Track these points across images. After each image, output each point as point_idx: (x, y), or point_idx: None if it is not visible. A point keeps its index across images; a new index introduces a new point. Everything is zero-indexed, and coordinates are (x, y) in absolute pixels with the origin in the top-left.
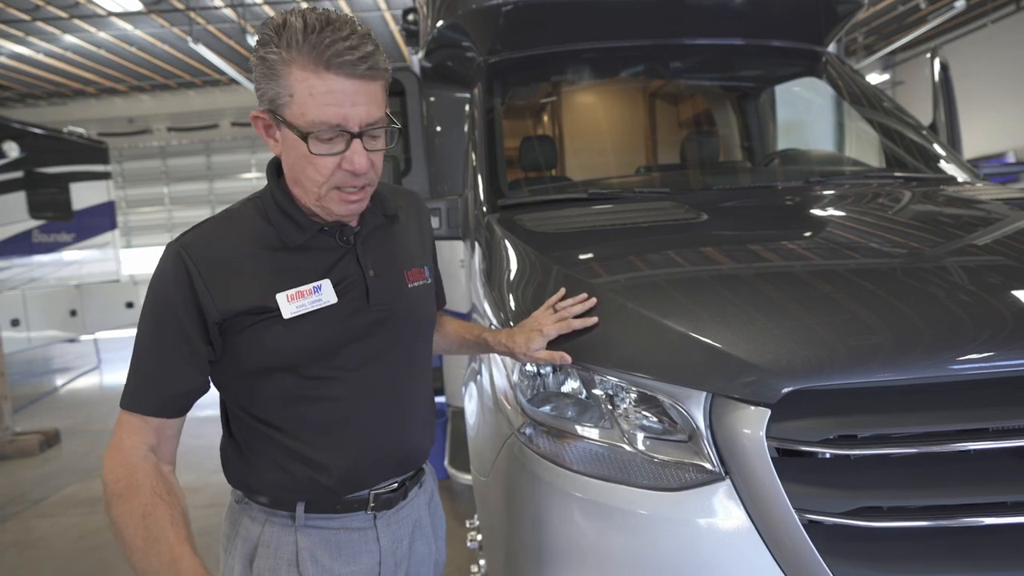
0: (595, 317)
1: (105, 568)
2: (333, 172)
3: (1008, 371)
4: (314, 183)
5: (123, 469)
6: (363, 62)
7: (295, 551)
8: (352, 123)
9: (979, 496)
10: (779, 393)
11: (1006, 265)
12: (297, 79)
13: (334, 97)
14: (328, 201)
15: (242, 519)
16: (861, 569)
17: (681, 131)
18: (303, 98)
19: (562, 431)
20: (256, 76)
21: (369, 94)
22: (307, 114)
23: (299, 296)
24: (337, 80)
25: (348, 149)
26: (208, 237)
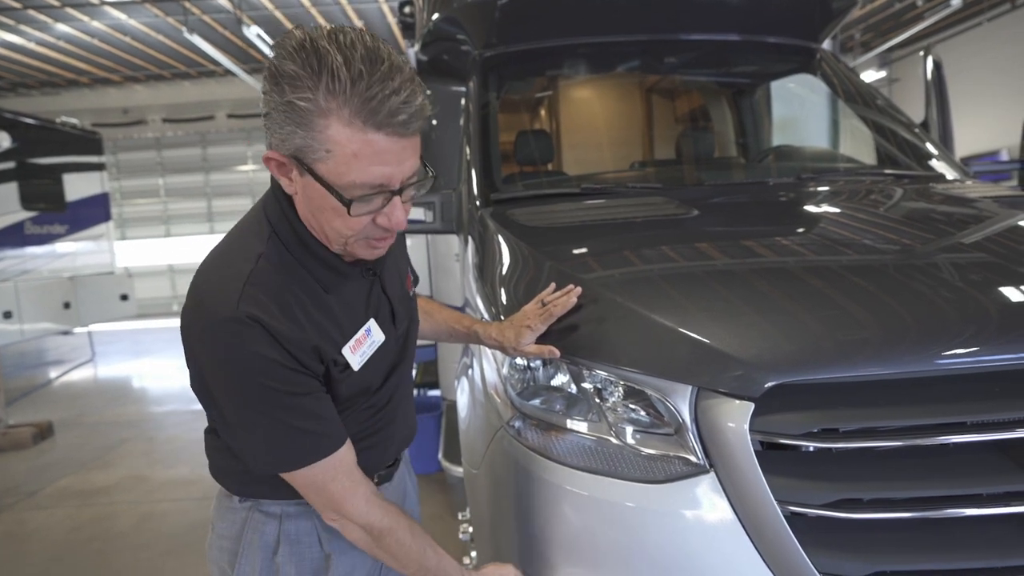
0: (576, 304)
1: (99, 559)
2: (365, 227)
3: (988, 366)
4: (341, 236)
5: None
6: (416, 119)
7: (316, 533)
8: (396, 182)
9: (957, 488)
10: (763, 387)
11: (990, 262)
12: (338, 135)
13: (381, 159)
14: (354, 248)
15: (252, 517)
16: (841, 560)
17: (675, 126)
18: (344, 158)
19: (551, 424)
20: (276, 119)
21: (414, 148)
22: (348, 175)
23: (358, 345)
24: (387, 141)
25: (387, 206)
26: (260, 302)
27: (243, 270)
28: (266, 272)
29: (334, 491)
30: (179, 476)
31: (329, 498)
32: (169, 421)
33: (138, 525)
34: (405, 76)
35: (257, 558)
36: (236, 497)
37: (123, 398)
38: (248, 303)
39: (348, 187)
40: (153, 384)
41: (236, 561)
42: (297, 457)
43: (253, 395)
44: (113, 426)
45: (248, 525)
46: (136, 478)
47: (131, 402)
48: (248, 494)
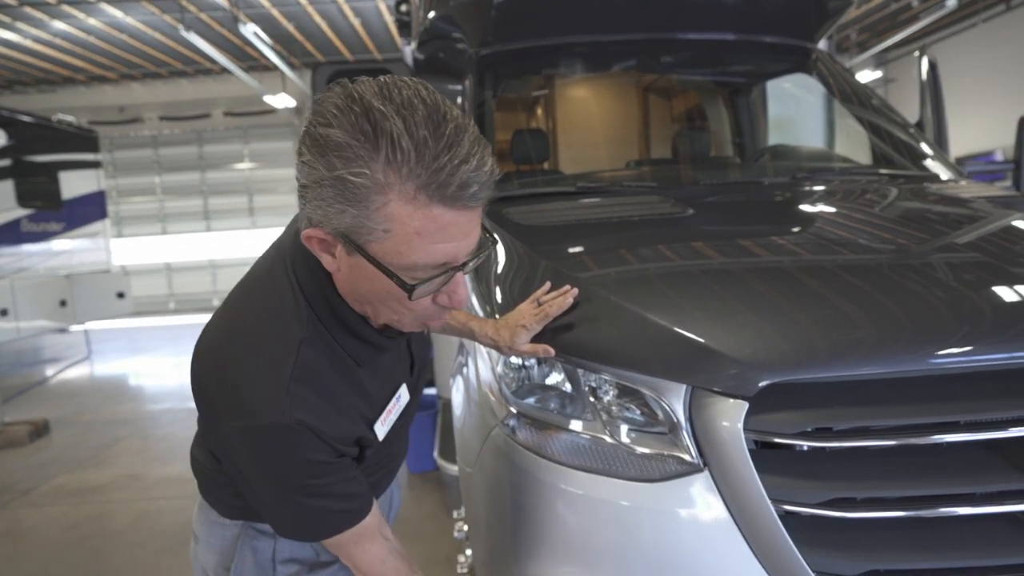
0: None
1: (95, 557)
2: (425, 308)
3: (982, 366)
4: (395, 314)
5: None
6: (486, 188)
7: (312, 548)
8: (461, 258)
9: (951, 487)
10: (757, 386)
11: (983, 261)
12: (399, 212)
13: (447, 234)
14: (403, 326)
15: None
16: (835, 559)
17: (672, 126)
18: (405, 237)
19: (545, 423)
20: (320, 194)
21: (479, 218)
22: (409, 255)
23: (387, 415)
24: (455, 215)
25: (449, 283)
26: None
27: (285, 363)
28: (309, 365)
29: (354, 553)
30: (174, 474)
31: (348, 556)
32: (165, 419)
33: (134, 523)
34: (472, 137)
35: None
36: (223, 516)
37: (119, 396)
38: (296, 406)
39: (408, 269)
40: (149, 382)
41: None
42: (325, 531)
43: (290, 486)
44: (109, 424)
45: (242, 541)
46: (132, 476)
47: (127, 400)
48: (238, 516)
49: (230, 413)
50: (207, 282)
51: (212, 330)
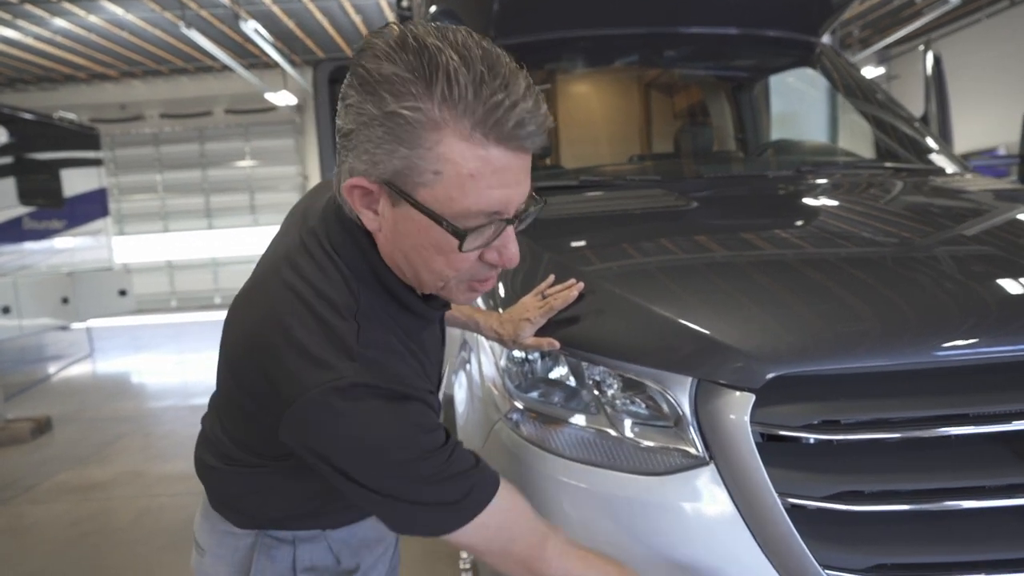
0: (577, 296)
1: (97, 553)
2: (472, 266)
3: (989, 358)
4: (438, 275)
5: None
6: (542, 130)
7: (333, 555)
8: (513, 207)
9: (959, 481)
10: (763, 378)
11: (989, 254)
12: (452, 151)
13: (502, 178)
14: (449, 291)
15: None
16: (841, 552)
17: (675, 120)
18: (458, 180)
19: (549, 416)
20: (369, 135)
21: (528, 168)
22: (462, 200)
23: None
24: (509, 156)
25: (499, 238)
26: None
27: (345, 332)
28: (368, 329)
29: (519, 550)
30: (177, 471)
31: (518, 559)
32: (167, 416)
33: (136, 520)
34: (527, 79)
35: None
36: (235, 526)
37: (121, 393)
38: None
39: (460, 216)
40: (151, 380)
41: None
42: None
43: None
44: (111, 421)
45: (258, 550)
46: (134, 473)
47: (129, 397)
48: (256, 527)
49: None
50: (209, 280)
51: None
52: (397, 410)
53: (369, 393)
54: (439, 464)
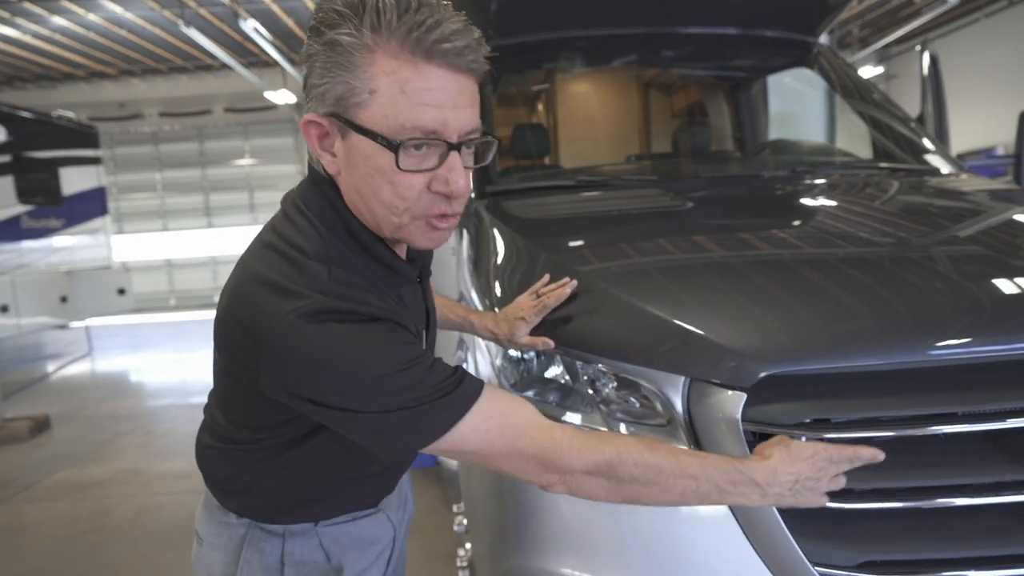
0: (570, 295)
1: (96, 551)
2: (420, 195)
3: (978, 357)
4: (391, 209)
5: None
6: (471, 52)
7: (323, 551)
8: (451, 130)
9: (948, 479)
10: (755, 378)
11: (982, 254)
12: (384, 70)
13: (433, 96)
14: (409, 232)
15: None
16: (832, 550)
17: (673, 120)
18: (391, 95)
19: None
20: (315, 68)
21: (471, 95)
22: (396, 116)
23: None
24: (439, 74)
25: (442, 165)
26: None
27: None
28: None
29: (523, 447)
30: (176, 469)
31: (529, 456)
32: (166, 415)
33: (135, 518)
34: (455, 12)
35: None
36: (231, 515)
37: (120, 392)
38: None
39: (396, 132)
40: (150, 378)
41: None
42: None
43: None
44: (110, 420)
45: (248, 543)
46: (133, 471)
47: (128, 396)
48: (249, 515)
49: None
50: (208, 278)
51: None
52: (367, 330)
53: (337, 319)
54: (419, 374)
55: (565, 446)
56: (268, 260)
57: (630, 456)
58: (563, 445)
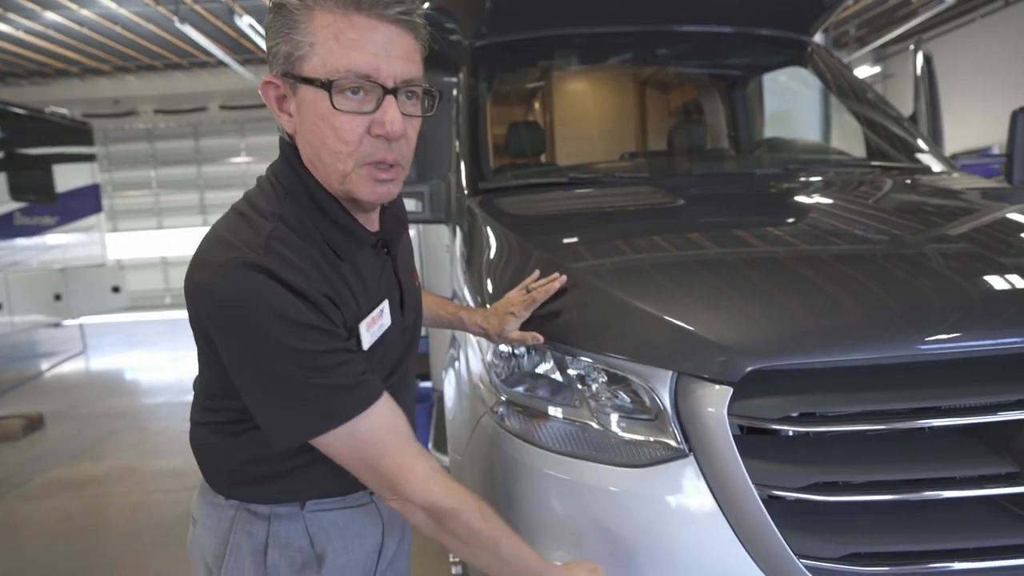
0: (561, 291)
1: (90, 549)
2: (361, 139)
3: (963, 353)
4: (337, 156)
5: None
6: (398, 4)
7: (308, 536)
8: (385, 75)
9: (931, 472)
10: (741, 372)
11: (968, 251)
12: (321, 24)
13: (364, 43)
14: (354, 183)
15: (239, 516)
16: (817, 542)
17: (666, 118)
18: (327, 44)
19: (534, 410)
20: (270, 34)
21: (405, 47)
22: (332, 62)
23: (372, 323)
24: (369, 24)
25: (379, 108)
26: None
27: (263, 226)
28: (287, 233)
29: (383, 466)
30: (170, 467)
31: (379, 474)
32: (161, 412)
33: (129, 516)
34: None
35: (247, 560)
36: (220, 496)
37: (114, 390)
38: (274, 260)
39: (332, 75)
40: (145, 376)
41: (223, 562)
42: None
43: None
44: (104, 418)
45: (235, 525)
46: (127, 469)
47: (122, 394)
48: (236, 496)
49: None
50: None
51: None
52: (288, 299)
53: (265, 274)
54: (319, 365)
55: (417, 482)
56: (227, 221)
57: (465, 517)
58: (415, 481)
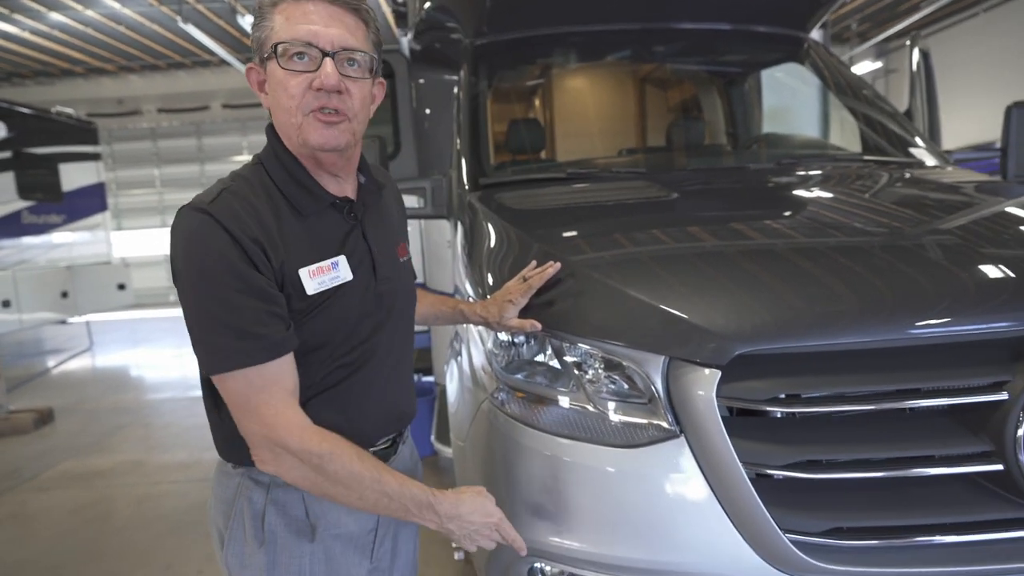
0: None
1: (101, 538)
2: (304, 93)
3: (941, 337)
4: (289, 111)
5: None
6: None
7: (303, 505)
8: (323, 41)
9: (911, 450)
10: (729, 356)
11: (949, 241)
12: (279, 11)
13: (307, 18)
14: (305, 130)
15: (243, 483)
16: (802, 517)
17: (664, 115)
18: (281, 25)
19: (534, 395)
20: (252, 30)
21: (346, 24)
22: (282, 35)
23: (320, 272)
24: (313, 6)
25: (320, 68)
26: (231, 205)
27: (224, 183)
28: (242, 187)
29: (265, 413)
30: (177, 460)
31: (261, 420)
32: (166, 408)
33: (138, 507)
34: None
35: (247, 523)
36: (230, 463)
37: (121, 386)
38: (217, 205)
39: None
40: (150, 372)
41: (228, 524)
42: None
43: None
44: (112, 413)
45: (239, 492)
46: (135, 462)
47: (129, 390)
48: (237, 459)
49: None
50: None
51: None
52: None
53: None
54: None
55: (293, 430)
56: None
57: (342, 459)
58: (292, 429)
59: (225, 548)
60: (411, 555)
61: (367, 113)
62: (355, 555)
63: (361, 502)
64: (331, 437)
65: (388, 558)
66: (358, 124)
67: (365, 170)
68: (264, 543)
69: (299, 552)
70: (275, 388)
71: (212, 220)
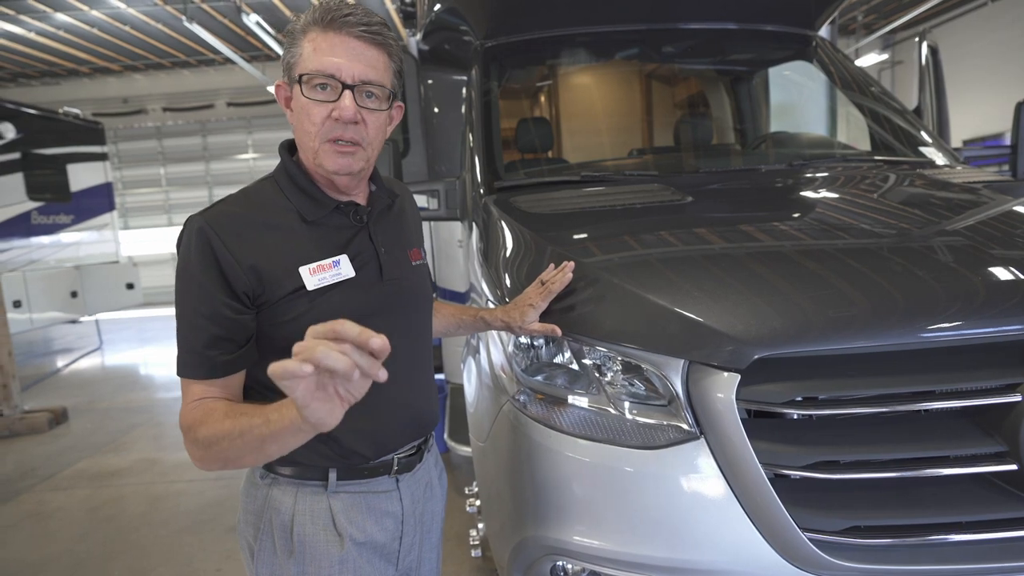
0: (577, 286)
1: (120, 536)
2: (324, 122)
3: (955, 340)
4: (308, 135)
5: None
6: (362, 26)
7: (330, 515)
8: (345, 74)
9: (926, 451)
10: (748, 360)
11: (964, 244)
12: (308, 39)
13: (333, 51)
14: (322, 156)
15: (271, 494)
16: (820, 516)
17: (673, 114)
18: (308, 53)
19: (554, 397)
20: (283, 50)
21: (369, 58)
22: (309, 65)
23: (320, 270)
24: (338, 37)
25: (339, 99)
26: (228, 211)
27: (227, 196)
28: (243, 197)
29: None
30: (189, 459)
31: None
32: (176, 407)
33: (154, 504)
34: (370, 12)
35: (276, 535)
36: (257, 473)
37: (132, 385)
38: (210, 215)
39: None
40: (160, 371)
41: (258, 537)
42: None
43: (177, 298)
44: (124, 412)
45: (267, 504)
46: (149, 460)
47: (140, 389)
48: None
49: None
50: None
51: None
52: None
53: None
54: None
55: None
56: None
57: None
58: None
59: (256, 561)
60: (435, 563)
61: (383, 137)
62: (382, 563)
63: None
64: (205, 406)
65: (414, 566)
66: (372, 150)
67: (377, 179)
68: (293, 553)
69: (328, 562)
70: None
71: (199, 231)
